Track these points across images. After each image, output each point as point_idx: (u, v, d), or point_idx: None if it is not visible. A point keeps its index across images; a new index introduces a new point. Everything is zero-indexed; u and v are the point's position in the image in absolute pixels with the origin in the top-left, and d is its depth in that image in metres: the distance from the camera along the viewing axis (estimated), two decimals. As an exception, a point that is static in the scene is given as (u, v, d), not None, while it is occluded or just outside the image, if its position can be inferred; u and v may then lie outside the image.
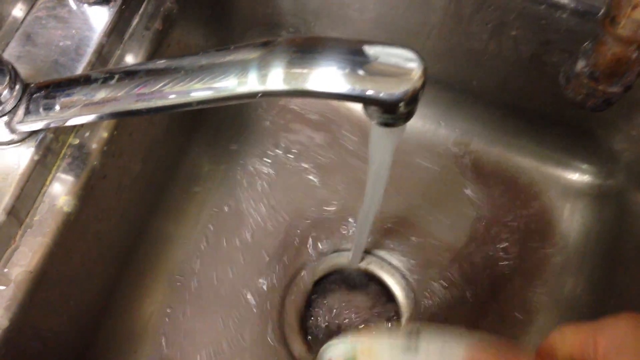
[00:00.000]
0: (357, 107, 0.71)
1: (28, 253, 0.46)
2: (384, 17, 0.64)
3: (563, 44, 0.57)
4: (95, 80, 0.41)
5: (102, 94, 0.40)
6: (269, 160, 0.72)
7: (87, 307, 0.58)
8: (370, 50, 0.33)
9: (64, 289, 0.52)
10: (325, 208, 0.70)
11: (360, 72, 0.32)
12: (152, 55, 0.53)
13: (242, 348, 0.64)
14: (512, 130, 0.70)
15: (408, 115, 0.34)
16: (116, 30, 0.52)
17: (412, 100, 0.32)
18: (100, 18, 0.51)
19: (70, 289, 0.53)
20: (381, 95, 0.32)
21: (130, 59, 0.52)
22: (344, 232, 0.69)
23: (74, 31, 0.50)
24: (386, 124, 0.35)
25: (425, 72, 0.32)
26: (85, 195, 0.49)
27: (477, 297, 0.66)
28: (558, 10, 0.55)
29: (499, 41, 0.60)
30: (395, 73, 0.32)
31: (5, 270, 0.45)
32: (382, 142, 0.40)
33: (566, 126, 0.67)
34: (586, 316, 0.64)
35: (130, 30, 0.53)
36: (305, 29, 0.70)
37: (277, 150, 0.72)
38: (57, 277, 0.49)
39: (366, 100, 0.33)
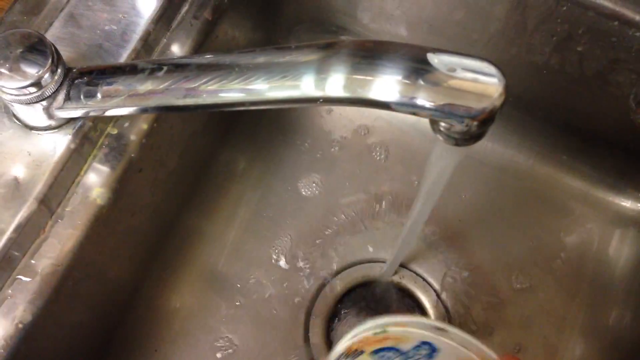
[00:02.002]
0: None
1: (57, 245, 0.44)
2: (439, 21, 0.61)
3: (633, 64, 0.54)
4: (142, 70, 0.38)
5: (148, 86, 0.38)
6: (308, 161, 0.70)
7: (111, 302, 0.56)
8: (445, 59, 0.30)
9: (91, 283, 0.50)
10: (369, 214, 0.68)
11: (435, 83, 0.30)
12: (199, 46, 0.51)
13: (269, 353, 0.62)
14: (564, 149, 0.67)
15: (480, 135, 0.32)
16: (164, 18, 0.49)
17: (488, 120, 0.30)
18: (148, 3, 0.49)
19: (96, 284, 0.51)
20: (456, 111, 0.29)
21: (176, 49, 0.50)
22: (387, 240, 0.66)
23: (120, 15, 0.48)
24: (454, 143, 0.32)
25: (506, 89, 0.29)
26: (120, 188, 0.47)
27: (509, 324, 0.63)
28: (632, 28, 0.51)
29: (563, 56, 0.57)
30: (473, 88, 0.29)
31: (32, 261, 0.43)
32: (443, 159, 0.37)
33: (623, 150, 0.64)
34: (628, 352, 0.61)
35: (179, 18, 0.51)
36: (354, 29, 0.67)
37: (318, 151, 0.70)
38: (85, 271, 0.47)
39: (439, 116, 0.30)
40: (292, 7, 0.67)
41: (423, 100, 0.30)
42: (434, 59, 0.30)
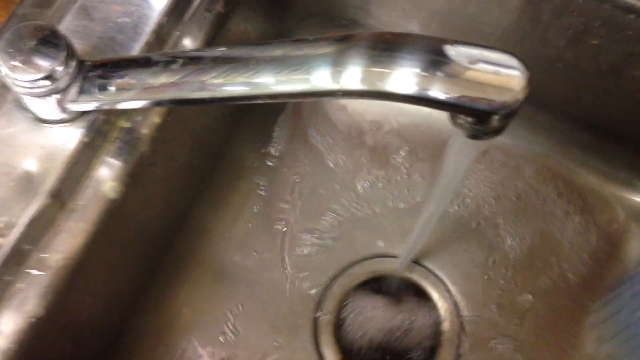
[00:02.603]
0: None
1: (69, 239, 0.44)
2: (452, 14, 0.61)
3: (649, 57, 0.53)
4: (157, 63, 0.38)
5: (163, 79, 0.37)
6: (320, 155, 0.69)
7: (122, 296, 0.56)
8: (466, 51, 0.30)
9: (102, 277, 0.50)
10: (379, 214, 0.67)
11: (455, 76, 0.29)
12: (211, 39, 0.51)
13: (278, 348, 0.62)
14: (578, 144, 0.66)
15: (500, 129, 0.31)
16: (177, 10, 0.49)
17: (510, 113, 0.29)
18: (161, -4, 0.48)
19: (107, 278, 0.51)
20: (477, 104, 0.29)
21: (188, 42, 0.50)
22: (397, 238, 0.66)
23: (133, 8, 0.47)
24: (474, 136, 0.32)
25: (529, 82, 0.29)
26: (133, 182, 0.47)
27: (524, 319, 0.63)
28: (649, 20, 0.51)
29: (577, 50, 0.56)
30: (495, 81, 0.29)
31: (44, 255, 0.43)
32: (462, 153, 0.36)
33: (637, 145, 0.63)
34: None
35: (191, 11, 0.50)
36: (366, 22, 0.67)
37: (326, 149, 0.70)
38: (97, 265, 0.47)
39: (459, 109, 0.29)
40: (304, 0, 0.66)
41: (443, 93, 0.29)
42: (455, 51, 0.30)
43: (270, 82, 0.34)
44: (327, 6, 0.67)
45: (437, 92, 0.29)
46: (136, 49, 0.46)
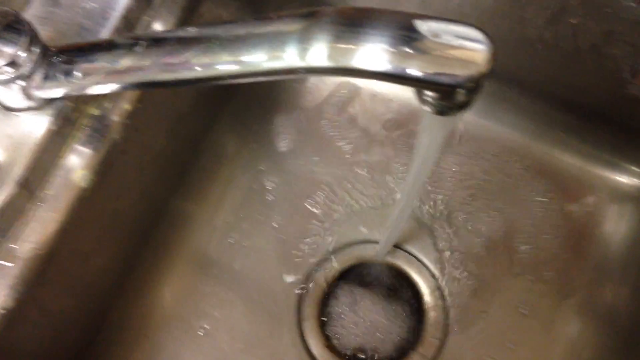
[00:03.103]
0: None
1: (38, 229, 0.43)
2: (430, -3, 0.60)
3: (628, 35, 0.52)
4: (120, 46, 0.37)
5: (126, 62, 0.36)
6: (301, 141, 0.68)
7: (99, 287, 0.55)
8: (430, 26, 0.29)
9: (76, 268, 0.49)
10: (361, 197, 0.67)
11: (419, 50, 0.28)
12: (182, 24, 0.50)
13: (261, 337, 0.62)
14: (559, 125, 0.66)
15: (467, 104, 0.30)
16: (146, -5, 0.48)
17: (475, 87, 0.28)
18: (129, -20, 0.47)
19: (82, 269, 0.50)
20: (441, 78, 0.28)
21: (158, 27, 0.49)
22: (378, 223, 0.65)
23: (100, -7, 0.46)
24: (441, 112, 0.31)
25: (494, 55, 0.28)
26: (104, 170, 0.46)
27: (507, 302, 0.63)
28: (626, -2, 0.50)
29: (556, 29, 0.55)
30: (459, 55, 0.28)
31: (13, 246, 0.42)
32: (432, 131, 0.36)
33: (619, 125, 0.63)
34: (625, 328, 0.60)
35: (161, -5, 0.49)
36: (347, 4, 0.66)
37: (310, 131, 0.69)
38: (69, 255, 0.46)
39: (423, 84, 0.29)
40: (281, -16, 0.65)
41: (406, 68, 0.28)
42: (419, 25, 0.29)
43: (235, 62, 0.33)
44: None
45: (399, 68, 0.28)
46: (104, 35, 0.45)
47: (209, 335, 0.62)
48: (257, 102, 0.69)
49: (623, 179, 0.66)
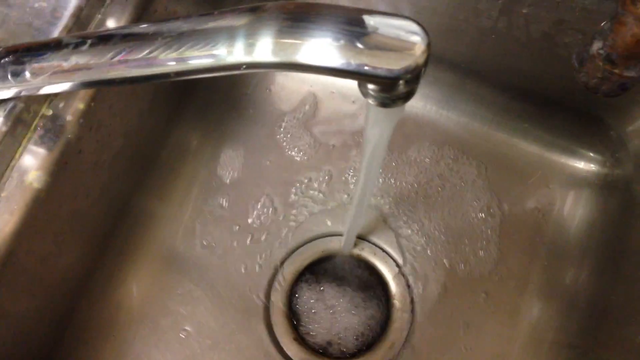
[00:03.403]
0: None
1: (-7, 231, 0.43)
2: (386, -12, 0.60)
3: (577, 23, 0.53)
4: (67, 45, 0.37)
5: (73, 61, 0.36)
6: (262, 136, 0.69)
7: (62, 289, 0.55)
8: (370, 20, 0.29)
9: (35, 270, 0.48)
10: (318, 188, 0.67)
11: (357, 44, 0.29)
12: (135, 21, 0.49)
13: (229, 332, 0.62)
14: (517, 114, 0.67)
15: (408, 95, 0.31)
16: (96, -7, 0.48)
17: (413, 79, 0.29)
18: (79, -22, 0.47)
19: (42, 270, 0.50)
20: (379, 71, 0.28)
21: (111, 24, 0.49)
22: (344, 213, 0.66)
23: (49, -8, 0.46)
24: (384, 104, 0.32)
25: (429, 46, 0.28)
26: (58, 170, 0.46)
27: (470, 289, 0.63)
28: (574, -13, 0.51)
29: (509, 19, 0.56)
30: (396, 47, 0.29)
31: (-32, 249, 0.42)
32: (378, 123, 0.36)
33: (575, 112, 0.64)
34: (584, 310, 0.62)
35: (112, -8, 0.49)
36: (303, 1, 0.66)
37: (272, 125, 0.69)
38: (26, 257, 0.46)
39: (362, 77, 0.29)
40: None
41: (344, 62, 0.29)
42: (358, 20, 0.29)
43: (177, 58, 0.33)
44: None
45: (337, 62, 0.29)
46: (55, 34, 0.45)
47: (177, 333, 0.61)
48: (219, 97, 0.69)
49: (579, 164, 0.67)
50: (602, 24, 0.44)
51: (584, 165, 0.67)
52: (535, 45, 0.58)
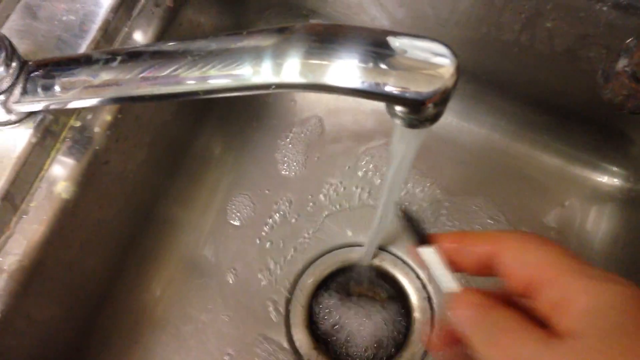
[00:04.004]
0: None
1: (22, 241, 0.44)
2: (408, 1, 0.60)
3: (602, 39, 0.53)
4: (97, 61, 0.38)
5: (103, 77, 0.37)
6: (286, 145, 0.69)
7: (87, 296, 0.56)
8: (397, 42, 0.30)
9: (62, 278, 0.49)
10: (342, 198, 0.67)
11: (385, 66, 0.29)
12: (161, 34, 0.50)
13: (249, 341, 0.62)
14: (539, 127, 0.67)
15: (436, 117, 0.31)
16: (124, 6, 0.48)
17: (441, 101, 0.29)
18: (107, -8, 0.48)
19: (68, 278, 0.50)
20: (407, 94, 0.29)
21: (138, 37, 0.49)
22: (365, 225, 0.66)
23: (78, 5, 0.47)
24: (411, 125, 0.32)
25: (458, 70, 0.29)
26: (86, 181, 0.46)
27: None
28: (599, 2, 0.51)
29: (532, 33, 0.56)
30: (424, 69, 0.29)
31: (-2, 258, 0.43)
32: (404, 142, 0.36)
33: (597, 126, 0.64)
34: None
35: (139, 6, 0.50)
36: (325, 11, 0.66)
37: (294, 134, 0.69)
38: (54, 266, 0.47)
39: (390, 99, 0.29)
40: (261, -9, 0.66)
41: (372, 84, 0.29)
42: (386, 41, 0.30)
43: (206, 77, 0.34)
44: (284, -4, 0.66)
45: (366, 84, 0.29)
46: (83, 47, 0.46)
47: (198, 340, 0.62)
48: (240, 107, 0.70)
49: (602, 179, 0.67)
50: (628, 41, 0.44)
51: (607, 179, 0.67)
52: (558, 59, 0.57)
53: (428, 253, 0.31)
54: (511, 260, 0.28)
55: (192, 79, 0.34)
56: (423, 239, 0.31)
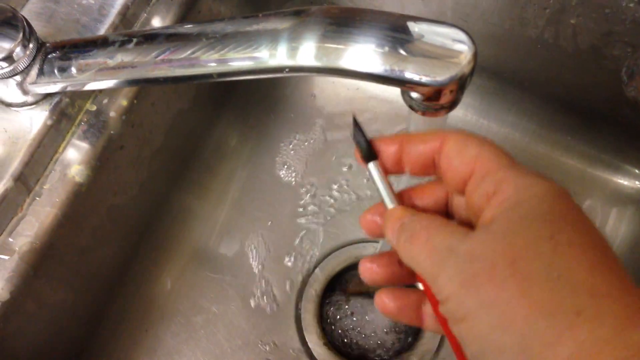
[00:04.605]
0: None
1: (35, 223, 0.44)
2: (431, -5, 0.60)
3: (627, 36, 0.52)
4: (113, 43, 0.38)
5: (118, 59, 0.37)
6: (302, 138, 0.68)
7: (98, 282, 0.56)
8: (415, 27, 0.29)
9: (73, 262, 0.49)
10: (358, 194, 0.67)
11: (402, 51, 0.28)
12: (180, 21, 0.50)
13: (259, 333, 0.62)
14: (560, 126, 0.65)
15: (452, 104, 0.30)
16: (143, -9, 0.48)
17: (458, 88, 0.28)
18: (127, -23, 0.48)
19: (79, 263, 0.50)
20: (423, 79, 0.28)
21: (156, 23, 0.49)
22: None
23: (98, -11, 0.47)
24: (427, 113, 0.31)
25: (475, 56, 0.28)
26: (100, 165, 0.46)
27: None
28: (625, -2, 0.50)
29: (556, 29, 0.55)
30: (442, 55, 0.28)
31: (10, 239, 0.43)
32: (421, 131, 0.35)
33: (620, 126, 0.62)
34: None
35: (159, -8, 0.50)
36: (346, 5, 0.66)
37: (312, 128, 0.69)
38: (65, 250, 0.47)
39: (406, 84, 0.29)
40: (282, -19, 0.66)
41: (388, 69, 0.28)
42: (403, 26, 0.29)
43: (221, 60, 0.33)
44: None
45: (381, 69, 0.28)
46: (101, 31, 0.46)
47: (208, 331, 0.62)
48: (258, 98, 0.70)
49: (624, 181, 0.66)
50: (654, 38, 0.42)
51: (629, 182, 0.65)
52: (582, 57, 0.56)
53: (373, 168, 0.31)
54: (454, 153, 0.28)
55: (208, 61, 0.33)
56: (369, 146, 0.31)
